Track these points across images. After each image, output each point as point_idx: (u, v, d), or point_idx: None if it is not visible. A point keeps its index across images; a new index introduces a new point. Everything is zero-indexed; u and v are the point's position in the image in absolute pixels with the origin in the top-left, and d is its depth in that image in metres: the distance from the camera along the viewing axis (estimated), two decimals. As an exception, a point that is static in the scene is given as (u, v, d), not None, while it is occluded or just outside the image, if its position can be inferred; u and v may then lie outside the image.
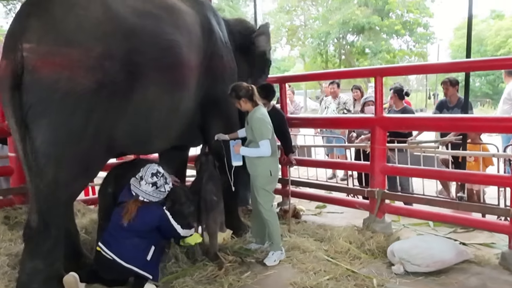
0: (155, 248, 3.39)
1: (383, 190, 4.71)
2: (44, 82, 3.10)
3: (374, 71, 5.18)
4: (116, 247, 3.29)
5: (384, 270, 3.84)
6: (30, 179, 3.19)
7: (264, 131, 3.94)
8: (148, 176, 3.39)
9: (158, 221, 3.38)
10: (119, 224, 3.33)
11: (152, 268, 3.36)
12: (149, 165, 3.48)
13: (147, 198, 3.39)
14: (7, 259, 3.84)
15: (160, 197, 3.45)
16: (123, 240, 3.31)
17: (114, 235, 3.34)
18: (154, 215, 3.38)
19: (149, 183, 3.38)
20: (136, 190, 3.39)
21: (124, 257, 3.28)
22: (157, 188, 3.40)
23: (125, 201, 3.40)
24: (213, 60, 4.35)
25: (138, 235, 3.32)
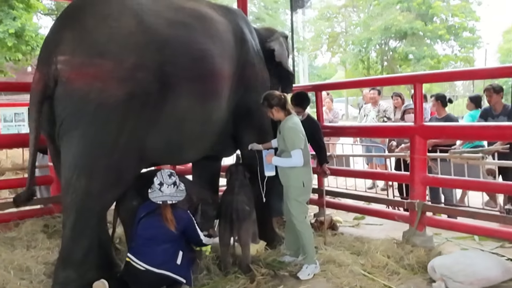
0: (183, 253, 3.40)
1: (423, 202, 4.51)
2: (77, 93, 3.16)
3: (413, 78, 5.00)
4: (145, 256, 3.29)
5: (424, 287, 3.65)
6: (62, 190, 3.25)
7: (296, 141, 3.85)
8: (167, 178, 3.45)
9: (185, 224, 3.43)
10: (147, 234, 3.34)
11: (184, 271, 3.37)
12: (161, 171, 3.54)
13: (175, 199, 3.44)
14: (43, 267, 3.92)
15: (182, 195, 3.49)
16: (152, 248, 3.31)
17: (143, 245, 3.34)
18: (183, 219, 3.43)
19: (170, 184, 3.43)
20: (161, 197, 3.41)
21: (155, 263, 3.28)
22: (177, 187, 3.46)
23: (151, 211, 3.40)
24: (246, 69, 4.32)
25: (165, 241, 3.33)
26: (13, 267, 3.85)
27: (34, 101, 3.21)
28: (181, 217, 3.43)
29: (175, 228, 3.34)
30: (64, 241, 3.32)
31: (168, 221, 3.34)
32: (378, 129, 5.83)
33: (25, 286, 3.54)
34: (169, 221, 3.34)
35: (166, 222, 3.34)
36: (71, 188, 3.22)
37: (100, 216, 3.48)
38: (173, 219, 3.35)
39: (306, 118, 4.65)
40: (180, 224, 3.39)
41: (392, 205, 5.57)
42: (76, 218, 3.25)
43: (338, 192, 5.84)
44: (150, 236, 3.34)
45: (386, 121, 7.48)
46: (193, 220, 3.51)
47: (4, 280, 3.56)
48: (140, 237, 3.37)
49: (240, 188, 4.05)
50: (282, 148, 4.00)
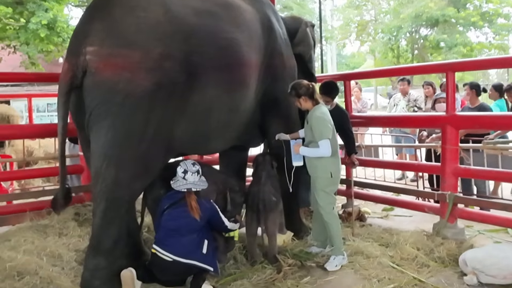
0: (208, 242, 3.41)
1: (455, 194, 4.40)
2: (105, 84, 3.19)
3: (445, 66, 4.87)
4: (171, 247, 3.32)
5: (455, 280, 3.57)
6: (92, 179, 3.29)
7: (324, 131, 3.80)
8: (190, 166, 3.49)
9: (210, 214, 3.46)
10: (171, 225, 3.38)
11: (210, 260, 3.39)
12: (183, 160, 3.59)
13: (198, 187, 3.48)
14: (74, 255, 4.01)
15: (205, 185, 3.53)
16: (177, 239, 3.34)
17: (168, 236, 3.37)
18: (206, 209, 3.45)
19: (194, 172, 3.48)
20: (185, 185, 3.44)
21: (181, 253, 3.30)
22: (200, 176, 3.51)
23: (174, 202, 3.42)
24: (273, 58, 4.28)
25: (190, 231, 3.36)
26: (45, 253, 3.95)
27: (62, 91, 3.26)
28: (205, 206, 3.45)
29: (199, 216, 3.35)
30: (94, 229, 3.37)
31: (193, 209, 3.36)
32: (408, 119, 5.69)
33: (57, 273, 3.63)
34: (194, 209, 3.36)
35: (191, 210, 3.36)
36: (100, 178, 3.26)
37: (129, 205, 3.51)
38: (197, 207, 3.37)
39: (334, 108, 4.59)
40: (204, 214, 3.41)
41: (422, 196, 5.46)
42: (106, 207, 3.29)
43: (366, 183, 5.77)
44: (175, 227, 3.37)
45: (417, 111, 7.32)
46: (217, 209, 3.52)
47: (38, 266, 3.65)
48: (164, 228, 3.40)
49: (267, 178, 4.04)
50: (309, 138, 3.95)
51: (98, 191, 3.29)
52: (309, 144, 3.96)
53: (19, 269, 3.61)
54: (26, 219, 4.67)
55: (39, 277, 3.49)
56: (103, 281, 3.32)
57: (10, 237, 4.25)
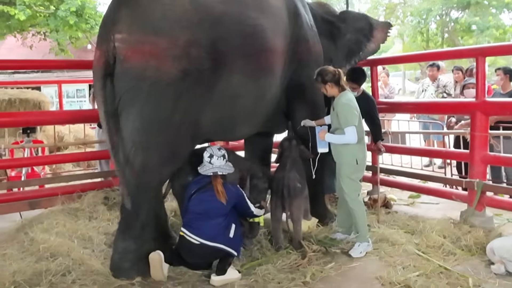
0: (235, 226, 3.47)
1: (483, 182, 4.32)
2: (133, 71, 3.24)
3: (475, 51, 4.73)
4: (199, 230, 3.38)
5: (482, 269, 3.53)
6: (120, 165, 3.35)
7: (350, 118, 3.78)
8: (216, 151, 3.53)
9: (236, 198, 3.50)
10: (199, 209, 3.43)
11: (236, 244, 3.45)
12: (209, 146, 3.63)
13: (224, 171, 3.51)
14: (104, 237, 4.14)
15: (231, 169, 3.56)
16: (205, 222, 3.39)
17: (196, 219, 3.42)
18: (232, 193, 3.49)
19: (220, 156, 3.50)
20: (212, 169, 3.48)
21: (209, 237, 3.36)
22: (226, 161, 3.53)
23: (202, 187, 3.47)
24: (299, 44, 4.26)
25: (218, 215, 3.41)
26: (76, 236, 4.10)
27: (98, 77, 3.31)
28: (231, 191, 3.49)
29: (226, 200, 3.40)
30: (123, 213, 3.47)
31: (219, 193, 3.41)
32: (437, 105, 5.58)
33: (88, 255, 3.75)
34: (220, 193, 3.41)
35: (217, 194, 3.41)
36: (128, 164, 3.34)
37: (156, 190, 3.59)
38: (224, 191, 3.42)
39: (361, 94, 4.55)
40: (230, 198, 3.45)
41: (450, 183, 5.39)
42: (134, 192, 3.37)
43: (392, 170, 5.71)
44: (202, 211, 3.42)
45: (446, 98, 7.16)
46: (243, 194, 3.57)
47: (69, 248, 3.79)
48: (192, 212, 3.46)
49: (292, 164, 4.04)
50: (335, 125, 3.93)
51: (126, 177, 3.36)
52: (335, 131, 3.94)
53: (52, 250, 3.76)
54: (58, 202, 4.84)
55: (71, 259, 3.62)
56: (132, 264, 3.42)
57: (43, 220, 4.42)
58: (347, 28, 4.91)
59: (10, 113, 7.03)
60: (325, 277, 3.46)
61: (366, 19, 5.03)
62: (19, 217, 4.89)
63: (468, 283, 3.26)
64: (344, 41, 4.93)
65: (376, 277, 3.41)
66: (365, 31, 4.99)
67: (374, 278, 3.41)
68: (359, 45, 5.01)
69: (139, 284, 3.35)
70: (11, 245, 4.02)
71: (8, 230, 4.50)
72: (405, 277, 3.33)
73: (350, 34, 4.94)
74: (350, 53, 5.01)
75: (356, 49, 5.03)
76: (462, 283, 3.26)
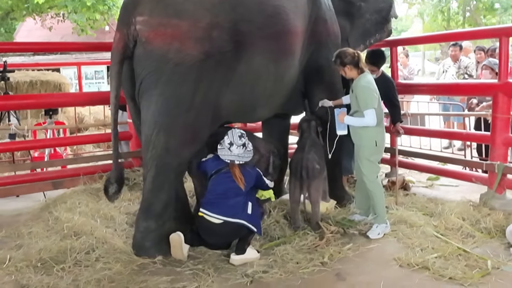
0: (252, 203, 3.52)
1: (504, 164, 4.28)
2: (156, 53, 3.28)
3: (499, 31, 4.65)
4: (220, 209, 3.43)
5: (502, 251, 3.52)
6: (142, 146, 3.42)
7: (369, 100, 3.76)
8: (237, 139, 3.53)
9: (255, 180, 3.57)
10: (219, 189, 3.48)
11: (255, 221, 3.50)
12: (232, 130, 3.61)
13: (242, 160, 3.53)
14: (126, 217, 4.23)
15: (250, 156, 3.58)
16: (225, 201, 3.45)
17: (216, 199, 3.47)
18: (252, 175, 3.55)
19: (240, 145, 3.52)
20: (230, 157, 3.51)
21: (231, 214, 3.42)
22: (246, 148, 3.54)
23: (219, 169, 3.52)
24: (317, 25, 4.23)
25: (237, 195, 3.46)
26: (99, 215, 4.20)
27: (115, 61, 3.36)
28: (250, 174, 3.54)
29: (244, 185, 3.45)
30: (145, 194, 3.53)
31: (238, 179, 3.46)
32: (457, 86, 5.50)
33: (110, 234, 3.84)
34: (238, 179, 3.46)
35: (235, 179, 3.46)
36: (151, 145, 3.39)
37: (178, 171, 3.64)
38: (242, 177, 3.47)
39: (380, 76, 4.52)
40: (249, 180, 3.51)
41: (470, 166, 5.33)
42: (156, 173, 3.43)
43: (411, 152, 5.68)
44: (222, 191, 3.47)
45: (467, 79, 7.04)
46: (260, 173, 3.63)
47: (92, 227, 3.88)
48: (212, 192, 3.51)
49: (311, 146, 4.05)
50: (355, 107, 3.92)
51: (149, 157, 3.42)
52: (354, 113, 3.93)
53: (76, 229, 3.86)
54: (80, 183, 4.94)
55: (94, 237, 3.71)
56: (153, 243, 3.50)
57: (66, 200, 4.52)
58: (368, 8, 4.83)
59: (33, 95, 7.17)
60: (343, 258, 3.49)
61: (388, 1, 4.93)
62: (42, 196, 5.02)
63: (487, 265, 3.25)
64: (362, 21, 4.86)
65: (394, 258, 3.43)
66: (384, 13, 4.91)
67: (392, 259, 3.43)
68: (377, 26, 4.94)
69: (160, 262, 3.42)
70: (37, 223, 4.14)
71: (32, 210, 4.63)
72: (423, 259, 3.34)
73: (370, 15, 4.87)
74: (366, 34, 4.94)
75: (373, 31, 4.96)
76: (480, 265, 3.26)
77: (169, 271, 3.32)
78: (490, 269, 3.21)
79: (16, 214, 4.63)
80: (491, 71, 5.50)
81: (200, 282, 3.10)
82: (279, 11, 3.78)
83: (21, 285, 3.12)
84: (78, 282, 3.10)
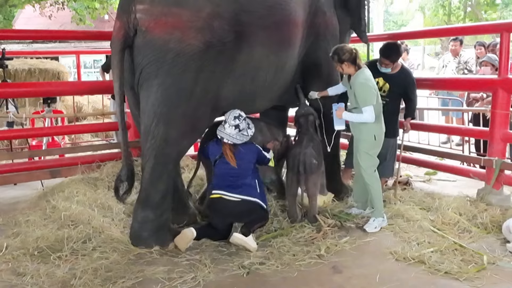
0: (258, 181, 3.67)
1: (502, 160, 4.28)
2: (156, 43, 3.25)
3: (499, 26, 4.63)
4: (238, 189, 3.56)
5: (497, 247, 3.53)
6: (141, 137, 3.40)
7: (368, 97, 3.77)
8: (231, 119, 3.59)
9: (256, 154, 3.70)
10: (226, 171, 3.57)
11: (264, 199, 3.73)
12: (232, 110, 3.64)
13: (231, 140, 3.59)
14: (123, 207, 4.22)
15: (243, 140, 3.62)
16: (240, 181, 3.57)
17: (228, 181, 3.57)
18: (253, 151, 3.69)
19: (232, 126, 3.58)
20: (221, 133, 3.59)
21: (248, 193, 3.57)
22: (239, 131, 3.60)
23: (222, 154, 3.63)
24: (316, 16, 4.21)
25: (244, 175, 3.61)
26: (96, 205, 4.20)
27: (116, 50, 3.33)
28: (251, 149, 3.67)
29: (235, 163, 3.56)
30: (143, 184, 3.52)
31: (228, 157, 3.57)
32: (457, 81, 5.49)
33: (108, 223, 3.85)
34: (229, 157, 3.57)
35: (227, 158, 3.57)
36: (150, 135, 3.37)
37: (176, 161, 3.64)
38: (232, 156, 3.57)
39: (400, 71, 4.43)
40: (251, 157, 3.65)
41: (468, 161, 5.32)
42: (155, 163, 3.42)
43: (410, 146, 5.67)
44: (235, 174, 3.59)
45: (467, 74, 7.03)
46: (259, 148, 3.73)
47: (90, 217, 3.89)
48: (222, 176, 3.60)
49: (309, 141, 4.04)
50: (353, 104, 3.92)
51: (148, 148, 3.41)
52: (353, 109, 3.93)
53: (73, 218, 3.87)
54: (78, 172, 4.93)
55: (91, 227, 3.72)
56: (151, 233, 3.50)
57: (64, 188, 4.52)
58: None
59: (31, 83, 7.14)
60: (340, 251, 3.50)
61: None
62: (40, 185, 5.03)
63: (483, 260, 3.26)
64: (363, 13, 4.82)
65: (391, 252, 3.44)
66: None
67: (388, 253, 3.45)
68: None
69: (157, 252, 3.43)
70: (34, 212, 4.14)
71: (30, 198, 4.64)
72: (419, 253, 3.36)
73: None
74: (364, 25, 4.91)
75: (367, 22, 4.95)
76: (476, 260, 3.28)
77: (166, 261, 3.33)
78: (486, 264, 3.22)
79: (13, 202, 4.65)
80: (492, 67, 5.49)
81: (197, 272, 3.12)
82: (280, 2, 3.77)
83: (18, 273, 3.13)
84: (75, 271, 3.11)
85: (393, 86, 4.36)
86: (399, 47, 4.46)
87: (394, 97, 4.43)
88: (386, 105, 4.25)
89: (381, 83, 4.37)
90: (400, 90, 4.38)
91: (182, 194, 4.00)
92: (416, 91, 4.58)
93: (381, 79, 4.38)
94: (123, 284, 2.98)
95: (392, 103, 4.40)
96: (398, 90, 4.38)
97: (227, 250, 3.50)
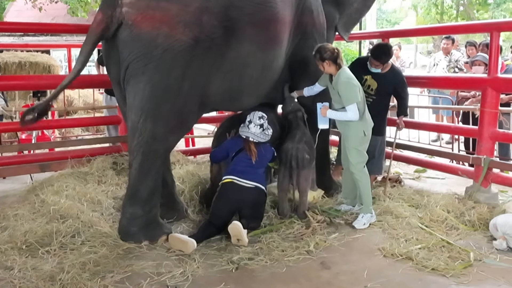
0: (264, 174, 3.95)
1: (490, 158, 4.33)
2: (143, 38, 3.21)
3: (490, 25, 4.65)
4: (250, 175, 3.70)
5: (484, 244, 3.57)
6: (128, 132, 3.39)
7: (351, 96, 3.79)
8: (256, 119, 3.79)
9: (272, 155, 3.94)
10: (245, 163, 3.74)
11: None
12: (255, 111, 3.86)
13: (256, 139, 3.75)
14: (113, 201, 4.22)
15: (265, 139, 3.81)
16: (253, 170, 3.74)
17: (244, 168, 3.72)
18: (270, 152, 3.93)
19: (258, 125, 3.78)
20: (246, 133, 3.79)
21: (259, 181, 3.74)
22: (263, 130, 3.79)
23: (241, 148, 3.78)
24: (304, 15, 4.20)
25: (258, 168, 3.79)
26: (86, 199, 4.18)
27: (90, 40, 3.28)
28: (269, 150, 3.90)
29: (255, 158, 3.73)
30: (131, 180, 3.50)
31: (251, 152, 3.74)
32: (447, 80, 5.51)
33: (97, 218, 3.83)
34: (252, 152, 3.74)
35: (249, 153, 3.74)
36: (137, 132, 3.35)
37: (164, 157, 3.63)
38: (255, 151, 3.75)
39: (389, 70, 4.44)
40: (267, 157, 3.89)
41: (457, 159, 5.37)
42: (142, 159, 3.39)
43: (399, 144, 5.69)
44: (251, 164, 3.74)
45: (457, 72, 7.07)
46: (274, 150, 3.97)
47: (79, 211, 3.87)
48: (239, 163, 3.75)
49: (301, 136, 4.05)
50: (337, 102, 3.94)
51: (135, 144, 3.39)
52: (339, 109, 3.95)
53: (62, 212, 3.84)
54: (67, 166, 4.90)
55: (80, 221, 3.70)
56: (139, 229, 3.49)
57: (53, 182, 4.48)
58: None
59: (21, 76, 7.08)
60: (328, 247, 3.52)
61: None
62: (29, 179, 4.99)
63: (469, 257, 3.30)
64: (350, 11, 4.82)
65: (379, 248, 3.47)
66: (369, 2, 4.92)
67: (376, 249, 3.47)
68: (358, 14, 4.94)
69: (146, 247, 3.43)
70: (23, 205, 4.10)
71: (19, 192, 4.60)
72: (407, 250, 3.39)
73: (357, 4, 4.82)
74: (350, 22, 4.94)
75: (356, 19, 4.97)
76: (463, 257, 3.31)
77: (155, 256, 3.33)
78: (472, 261, 3.26)
79: (2, 196, 4.62)
80: (485, 66, 5.52)
81: (186, 267, 3.12)
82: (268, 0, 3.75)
83: (5, 267, 3.10)
84: (63, 265, 3.10)
85: (382, 84, 4.38)
86: (389, 49, 4.45)
87: (382, 96, 4.45)
88: (373, 103, 4.28)
89: (369, 81, 4.39)
90: (389, 89, 4.40)
91: (171, 189, 3.99)
92: (407, 89, 4.59)
93: (370, 77, 4.41)
94: (111, 279, 2.98)
95: (379, 101, 4.42)
96: (387, 89, 4.40)
97: (216, 246, 3.50)
